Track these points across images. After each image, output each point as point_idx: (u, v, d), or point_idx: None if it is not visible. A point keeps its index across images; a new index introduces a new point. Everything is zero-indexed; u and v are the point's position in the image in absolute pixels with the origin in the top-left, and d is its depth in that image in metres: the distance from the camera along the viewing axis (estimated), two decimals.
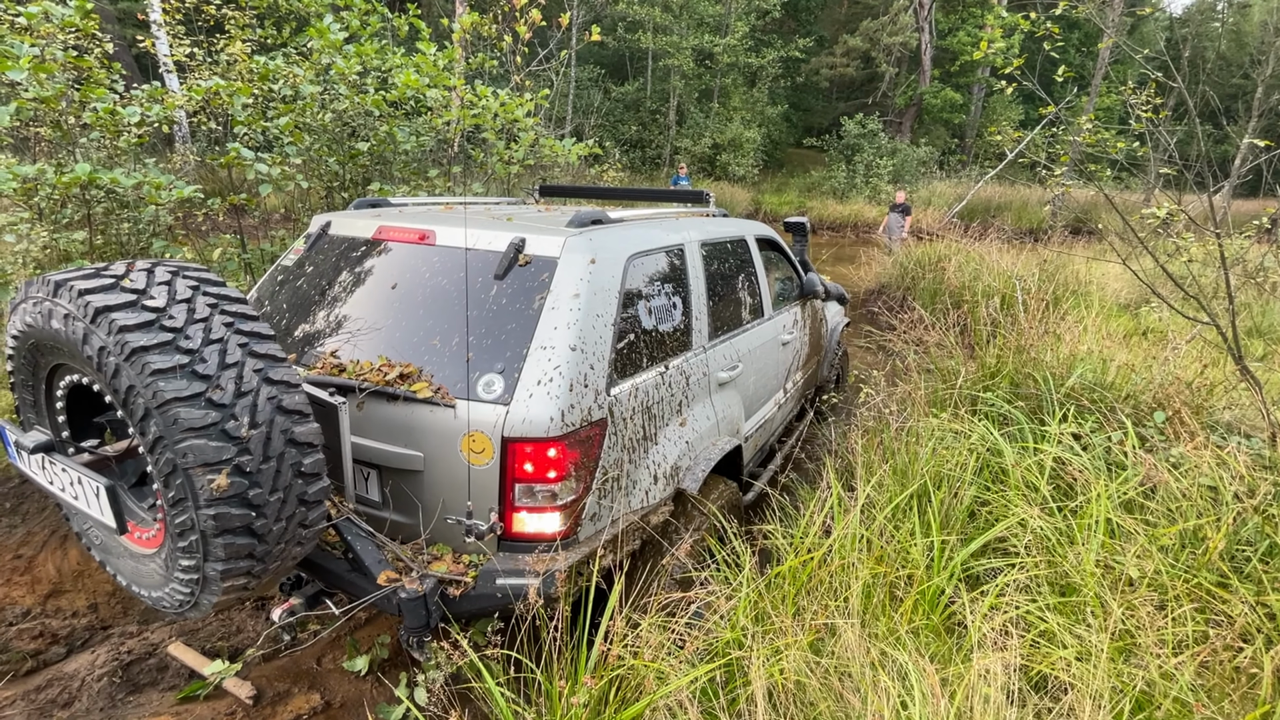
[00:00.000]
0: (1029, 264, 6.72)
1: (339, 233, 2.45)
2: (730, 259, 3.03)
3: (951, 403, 3.43)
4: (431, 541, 1.96)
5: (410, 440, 1.90)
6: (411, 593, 1.71)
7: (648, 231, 2.42)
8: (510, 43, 6.14)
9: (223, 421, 1.41)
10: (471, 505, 1.79)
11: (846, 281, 9.60)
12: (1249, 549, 2.16)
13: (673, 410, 2.32)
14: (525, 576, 1.78)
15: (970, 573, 2.30)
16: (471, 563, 1.86)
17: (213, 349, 1.45)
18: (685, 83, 21.19)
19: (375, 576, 1.75)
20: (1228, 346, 3.00)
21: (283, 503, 1.52)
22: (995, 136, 4.76)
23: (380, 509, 2.05)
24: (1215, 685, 1.74)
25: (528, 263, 2.00)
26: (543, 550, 1.85)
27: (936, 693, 1.54)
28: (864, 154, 21.24)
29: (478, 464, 1.81)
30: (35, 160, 4.37)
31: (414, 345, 1.99)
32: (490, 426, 1.78)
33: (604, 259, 2.07)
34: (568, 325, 1.88)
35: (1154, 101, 3.91)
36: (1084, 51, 25.36)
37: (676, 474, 2.29)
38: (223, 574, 1.49)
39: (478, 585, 1.80)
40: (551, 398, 1.79)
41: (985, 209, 17.98)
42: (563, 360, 1.83)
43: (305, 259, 2.45)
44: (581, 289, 1.95)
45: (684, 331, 2.46)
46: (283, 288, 2.42)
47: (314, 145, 5.00)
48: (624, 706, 1.63)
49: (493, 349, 1.89)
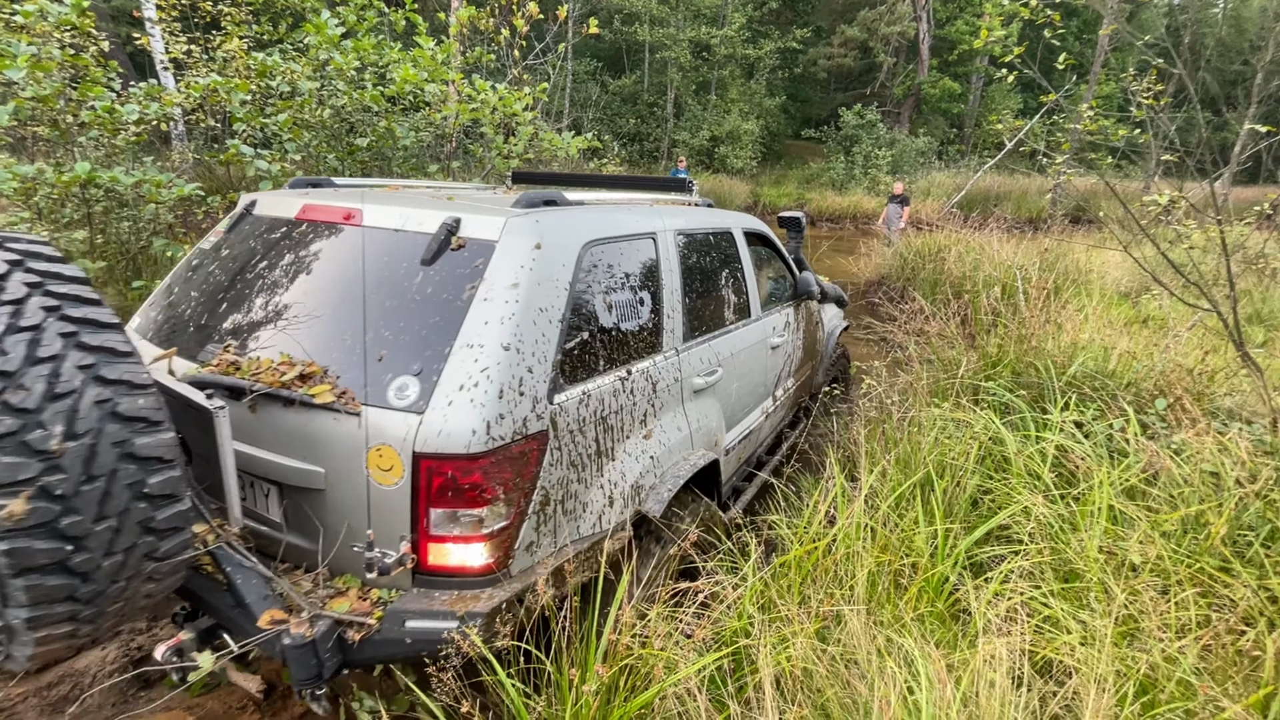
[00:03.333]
0: (1029, 253, 6.72)
1: (263, 212, 2.19)
2: (713, 253, 2.77)
3: (953, 392, 3.44)
4: (339, 571, 1.69)
5: (310, 453, 1.63)
6: (297, 638, 1.44)
7: (612, 216, 2.15)
8: (507, 36, 6.11)
9: (23, 431, 1.13)
10: (372, 535, 1.51)
11: (846, 273, 9.60)
12: (1251, 534, 2.17)
13: (635, 421, 2.05)
14: (441, 619, 1.51)
15: (974, 560, 2.31)
16: (380, 600, 1.58)
17: (18, 339, 1.16)
18: (683, 75, 21.11)
19: (257, 616, 1.49)
20: (1229, 333, 3.01)
21: (116, 532, 1.23)
22: (996, 125, 4.75)
23: (282, 531, 1.76)
24: (1218, 668, 1.75)
25: (461, 246, 1.74)
26: (466, 588, 1.59)
27: (942, 678, 1.56)
28: (863, 145, 21.18)
29: (385, 484, 1.55)
30: (34, 160, 4.36)
31: (327, 341, 1.72)
32: (399, 440, 1.51)
33: (553, 245, 1.80)
34: (501, 320, 1.61)
35: (1155, 88, 3.90)
36: (1083, 39, 25.24)
37: (638, 494, 2.01)
38: (30, 622, 1.20)
39: (383, 628, 1.52)
40: (476, 406, 1.52)
41: (985, 199, 17.95)
42: (493, 361, 1.56)
43: (224, 241, 2.19)
44: (522, 278, 1.68)
45: (653, 331, 2.20)
46: (196, 273, 2.16)
47: (313, 142, 4.99)
48: (634, 694, 1.64)
49: (411, 347, 1.62)
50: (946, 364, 3.88)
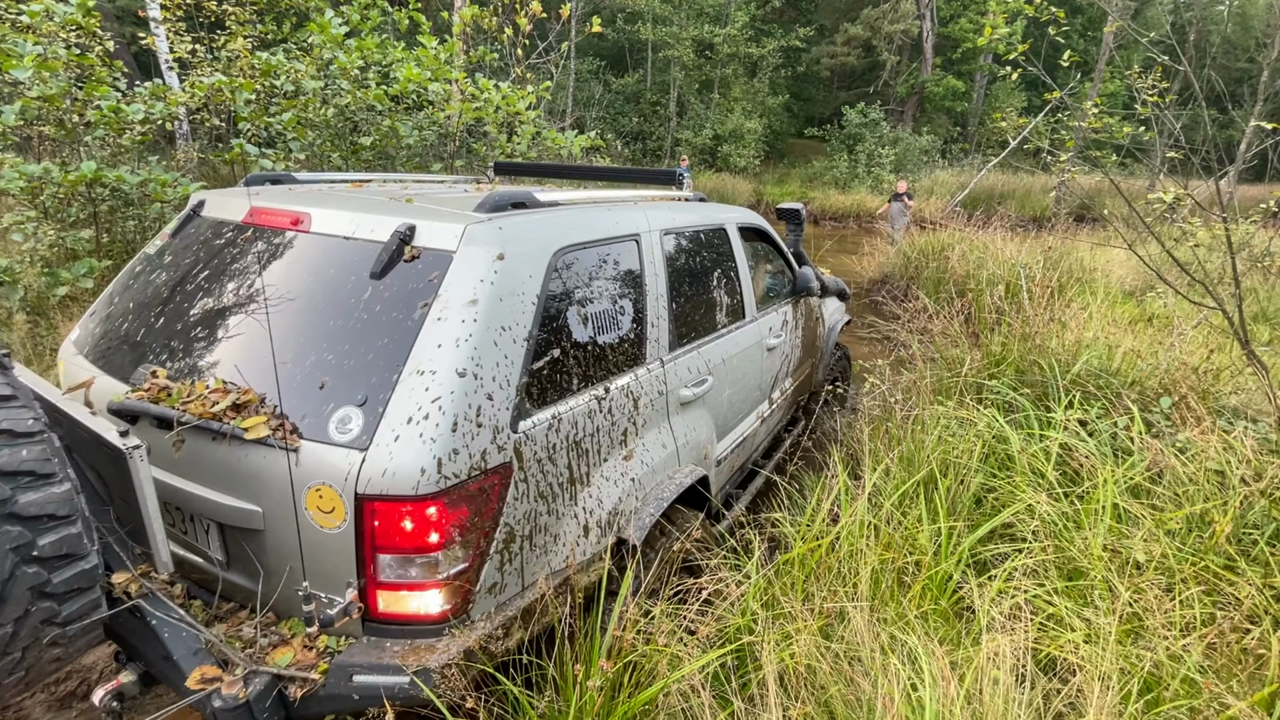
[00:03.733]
0: (1033, 252, 6.70)
1: (210, 214, 2.02)
2: (704, 252, 2.60)
3: (957, 391, 3.44)
4: (286, 615, 1.54)
5: (246, 491, 1.48)
6: (229, 700, 1.30)
7: (589, 217, 1.97)
8: (511, 35, 6.12)
9: None
10: (308, 585, 1.38)
11: (849, 272, 9.58)
12: (1256, 532, 2.17)
13: (614, 442, 1.89)
14: (391, 674, 1.38)
15: (978, 558, 2.31)
16: (327, 648, 1.44)
17: None
18: (685, 74, 21.09)
19: (186, 674, 1.36)
20: (1234, 331, 3.00)
21: (0, 602, 1.10)
22: (1000, 123, 4.72)
23: (224, 569, 1.63)
24: (1223, 666, 1.75)
25: (415, 257, 1.57)
26: (421, 636, 1.45)
27: (946, 675, 1.56)
28: (866, 143, 21.13)
29: (327, 526, 1.40)
30: (40, 159, 4.38)
31: (267, 364, 1.55)
32: (340, 479, 1.37)
33: (518, 254, 1.63)
34: (457, 342, 1.45)
35: (1160, 85, 3.88)
36: (1088, 37, 25.15)
37: (616, 520, 1.86)
38: None
39: (329, 683, 1.38)
40: (426, 441, 1.36)
41: (988, 197, 17.90)
42: (445, 390, 1.40)
43: (168, 246, 2.01)
44: (482, 294, 1.51)
45: (635, 343, 2.03)
46: (137, 282, 1.97)
47: (317, 141, 5.01)
48: (638, 690, 1.65)
49: (356, 373, 1.46)
50: (950, 362, 3.87)
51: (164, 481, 1.58)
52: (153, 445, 1.54)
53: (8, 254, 4.29)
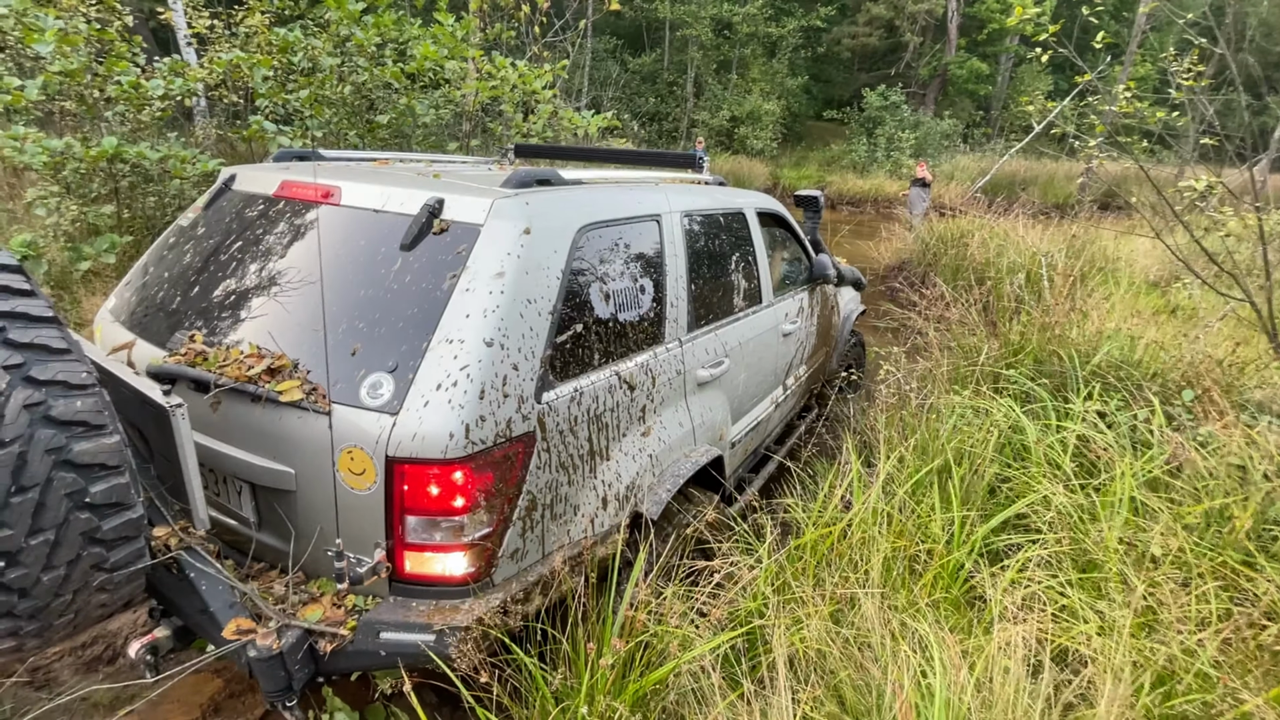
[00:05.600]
0: (1056, 239, 6.58)
1: (242, 188, 2.07)
2: (722, 235, 2.62)
3: (973, 380, 3.40)
4: (315, 574, 1.61)
5: (279, 453, 1.54)
6: (263, 650, 1.37)
7: (612, 197, 2.02)
8: (527, 13, 6.05)
9: None
10: (341, 544, 1.44)
11: (866, 258, 9.47)
12: (1276, 528, 2.14)
13: (632, 418, 1.94)
14: (418, 631, 1.44)
15: (991, 548, 2.30)
16: (355, 607, 1.51)
17: None
18: (703, 54, 20.77)
19: (223, 625, 1.42)
20: (1262, 324, 2.93)
21: (54, 545, 1.16)
22: (1027, 106, 4.60)
23: (256, 530, 1.69)
24: (1238, 661, 1.74)
25: (444, 230, 1.62)
26: (446, 597, 1.51)
27: (956, 663, 1.56)
28: (886, 127, 20.74)
29: (358, 488, 1.46)
30: (62, 134, 4.43)
31: (300, 331, 1.61)
32: (371, 442, 1.42)
33: (544, 229, 1.67)
34: (484, 313, 1.49)
35: (1195, 69, 3.76)
36: (1119, 19, 24.39)
37: (633, 494, 1.92)
38: None
39: (357, 639, 1.44)
40: (454, 407, 1.42)
41: (1011, 183, 17.56)
42: (473, 358, 1.45)
43: (201, 218, 2.08)
44: (509, 266, 1.55)
45: (655, 321, 2.08)
46: (171, 253, 2.05)
47: (334, 118, 5.00)
48: (649, 670, 1.67)
49: (387, 341, 1.51)
50: (967, 351, 3.83)
51: (199, 443, 1.63)
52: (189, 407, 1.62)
53: (32, 228, 4.35)
